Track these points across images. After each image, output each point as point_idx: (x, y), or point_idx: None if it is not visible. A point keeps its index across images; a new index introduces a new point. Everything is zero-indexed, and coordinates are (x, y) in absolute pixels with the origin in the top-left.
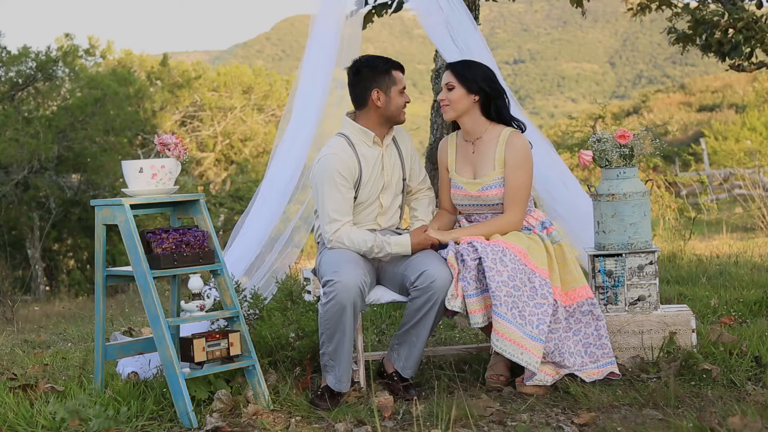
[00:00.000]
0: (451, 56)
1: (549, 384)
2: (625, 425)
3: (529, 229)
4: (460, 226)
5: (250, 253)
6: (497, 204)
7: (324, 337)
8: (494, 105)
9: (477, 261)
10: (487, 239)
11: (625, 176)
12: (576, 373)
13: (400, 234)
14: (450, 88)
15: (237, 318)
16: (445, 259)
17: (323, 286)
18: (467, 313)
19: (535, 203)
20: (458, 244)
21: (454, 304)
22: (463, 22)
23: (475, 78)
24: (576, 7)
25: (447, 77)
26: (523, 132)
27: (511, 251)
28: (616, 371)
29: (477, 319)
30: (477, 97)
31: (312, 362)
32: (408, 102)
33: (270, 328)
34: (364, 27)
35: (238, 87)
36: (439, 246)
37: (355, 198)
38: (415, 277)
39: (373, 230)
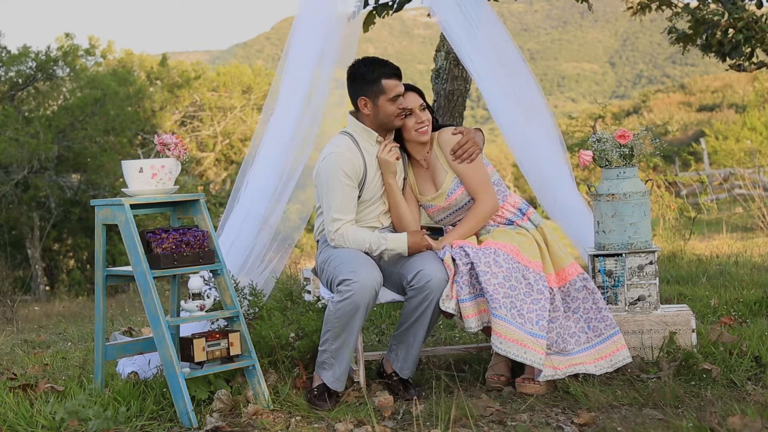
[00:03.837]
0: (469, 51)
1: (559, 378)
2: (625, 425)
3: (512, 222)
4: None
5: (243, 252)
6: (468, 202)
7: (329, 334)
8: (434, 118)
9: (469, 266)
10: (479, 239)
11: (625, 176)
12: (586, 368)
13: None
14: (422, 109)
15: (237, 318)
16: (442, 260)
17: (338, 285)
18: (461, 316)
19: (535, 204)
20: (452, 247)
21: (448, 305)
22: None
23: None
24: (581, 2)
25: (417, 98)
26: (438, 123)
27: (503, 251)
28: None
29: (471, 324)
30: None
31: (309, 362)
32: (403, 108)
33: (270, 328)
34: (366, 29)
35: (237, 87)
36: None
37: (359, 196)
38: (411, 276)
39: (374, 228)
